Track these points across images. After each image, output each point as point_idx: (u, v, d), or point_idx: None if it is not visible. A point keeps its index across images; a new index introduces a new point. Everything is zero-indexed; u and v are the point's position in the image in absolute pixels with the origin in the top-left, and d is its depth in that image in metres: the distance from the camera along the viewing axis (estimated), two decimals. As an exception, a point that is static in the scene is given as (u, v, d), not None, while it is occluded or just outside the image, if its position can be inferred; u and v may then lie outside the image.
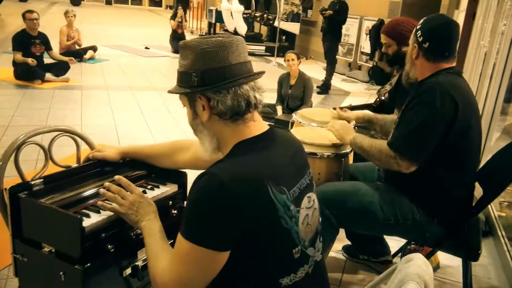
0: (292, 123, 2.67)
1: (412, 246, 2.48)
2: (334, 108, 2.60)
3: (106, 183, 1.32)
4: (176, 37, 9.89)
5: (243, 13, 11.11)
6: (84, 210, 1.32)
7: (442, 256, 2.38)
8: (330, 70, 7.10)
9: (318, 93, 6.74)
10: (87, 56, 7.82)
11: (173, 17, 9.88)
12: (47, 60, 6.32)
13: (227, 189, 0.98)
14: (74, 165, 1.62)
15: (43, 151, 1.53)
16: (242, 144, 1.10)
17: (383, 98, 3.03)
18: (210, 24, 13.82)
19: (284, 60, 4.76)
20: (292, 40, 10.81)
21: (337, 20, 6.95)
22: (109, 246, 1.28)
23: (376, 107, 3.12)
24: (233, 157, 1.07)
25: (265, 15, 10.78)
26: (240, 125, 1.11)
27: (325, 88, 6.86)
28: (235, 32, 11.50)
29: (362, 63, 8.73)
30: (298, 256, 1.10)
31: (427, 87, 1.72)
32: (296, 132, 2.26)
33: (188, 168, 1.54)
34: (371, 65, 8.32)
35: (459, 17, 5.73)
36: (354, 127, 2.61)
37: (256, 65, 9.43)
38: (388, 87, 2.98)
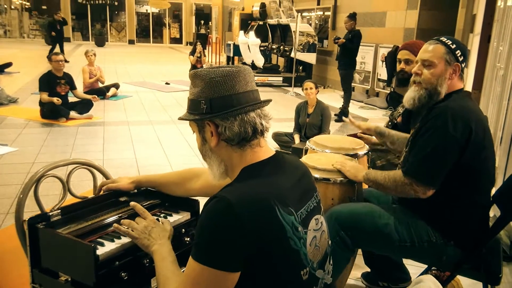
0: (306, 150, 2.69)
1: (434, 271, 2.42)
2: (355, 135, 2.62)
3: (115, 225, 1.36)
4: (195, 71, 10.14)
5: (260, 46, 11.36)
6: (99, 239, 1.36)
7: (466, 282, 2.31)
8: (347, 97, 7.15)
9: (336, 120, 6.76)
10: (109, 93, 8.09)
11: (192, 52, 10.18)
12: (71, 99, 6.57)
13: (235, 211, 1.01)
14: (90, 195, 1.68)
15: (61, 183, 1.59)
16: (249, 168, 1.13)
17: (395, 121, 3.03)
18: (228, 58, 14.17)
19: (302, 89, 4.87)
20: (309, 70, 10.94)
21: (351, 48, 7.04)
22: (122, 274, 1.31)
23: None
24: (241, 180, 1.10)
25: (281, 47, 10.99)
26: (247, 151, 1.15)
27: (342, 115, 6.87)
28: (253, 65, 11.74)
29: (380, 90, 8.75)
30: (306, 277, 1.10)
31: (439, 112, 1.72)
32: (309, 158, 2.28)
33: (200, 195, 1.58)
34: (388, 92, 8.32)
35: (474, 41, 5.73)
36: (368, 152, 2.62)
37: (274, 95, 9.60)
38: (401, 109, 2.98)
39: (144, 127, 6.11)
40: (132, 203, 1.44)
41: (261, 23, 13.77)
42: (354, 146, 2.58)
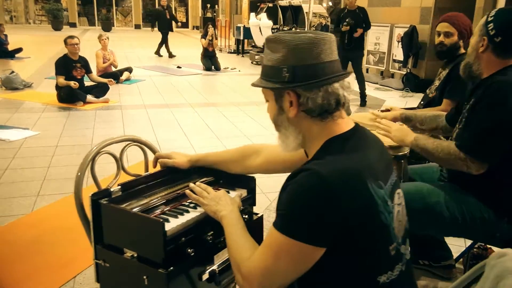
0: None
1: (475, 250, 2.40)
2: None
3: (191, 184, 1.40)
4: (207, 55, 10.07)
5: (272, 28, 11.22)
6: (162, 215, 1.34)
7: None
8: (361, 81, 6.91)
9: (360, 105, 6.53)
10: (123, 77, 8.05)
11: (204, 35, 10.07)
12: (87, 83, 6.54)
13: (328, 184, 0.97)
14: (142, 173, 1.66)
15: (115, 160, 1.57)
16: (333, 141, 1.09)
17: (430, 96, 2.99)
18: (238, 41, 14.04)
19: None
20: (321, 52, 10.81)
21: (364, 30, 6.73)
22: (189, 250, 1.30)
23: (423, 107, 3.06)
24: (329, 153, 1.06)
25: (293, 29, 10.85)
26: (328, 123, 1.10)
27: (362, 99, 6.67)
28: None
29: (395, 71, 8.64)
30: (394, 253, 1.08)
31: (498, 87, 1.67)
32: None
33: (259, 172, 1.55)
34: (404, 72, 8.23)
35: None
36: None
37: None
38: (437, 82, 2.93)
39: (161, 109, 6.08)
40: (191, 184, 1.42)
41: (270, 5, 13.62)
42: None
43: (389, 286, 1.08)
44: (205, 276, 1.37)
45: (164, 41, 12.48)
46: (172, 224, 1.29)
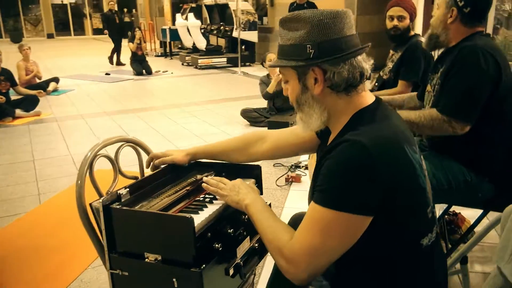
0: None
1: (446, 216, 2.55)
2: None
3: (205, 178, 1.36)
4: (137, 59, 9.74)
5: (200, 28, 11.12)
6: (180, 214, 1.27)
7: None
8: None
9: None
10: (50, 88, 7.53)
11: (131, 39, 9.71)
12: (13, 96, 6.04)
13: (371, 153, 0.98)
14: (137, 174, 1.56)
15: (111, 163, 1.46)
16: (361, 113, 1.10)
17: (384, 77, 3.13)
18: (163, 43, 13.74)
19: (264, 62, 5.06)
20: (252, 48, 10.91)
21: None
22: (216, 245, 1.24)
23: (378, 89, 3.21)
24: (362, 124, 1.06)
25: (221, 28, 10.83)
26: (353, 96, 1.11)
27: None
28: (194, 47, 11.48)
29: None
30: (430, 216, 1.11)
31: (469, 51, 1.78)
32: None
33: (265, 158, 1.53)
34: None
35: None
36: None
37: (222, 76, 9.51)
38: (390, 64, 3.08)
39: (100, 118, 5.78)
40: (204, 178, 1.37)
41: (194, 5, 13.48)
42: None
43: (431, 248, 1.11)
44: (231, 270, 1.32)
45: (117, 49, 11.53)
46: (197, 220, 1.22)
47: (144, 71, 9.70)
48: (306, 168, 3.64)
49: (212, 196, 1.38)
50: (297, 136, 1.44)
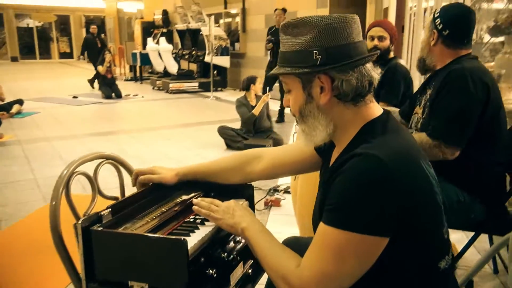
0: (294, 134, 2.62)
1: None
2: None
3: (195, 200, 1.22)
4: (106, 82, 9.52)
5: (172, 52, 11.05)
6: (170, 236, 1.15)
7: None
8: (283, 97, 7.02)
9: (276, 121, 6.53)
10: (13, 110, 7.22)
11: (101, 62, 9.51)
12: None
13: (388, 166, 0.90)
14: (117, 195, 1.43)
15: (89, 182, 1.32)
16: (371, 125, 1.02)
17: None
18: (133, 68, 13.56)
19: (253, 85, 5.01)
20: (224, 74, 10.90)
21: None
22: (210, 271, 1.12)
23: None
24: (373, 136, 0.98)
25: (193, 52, 10.79)
26: (361, 107, 1.04)
27: (281, 116, 6.75)
28: (166, 72, 11.37)
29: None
30: (446, 236, 1.03)
31: (457, 74, 1.77)
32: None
33: (262, 178, 1.42)
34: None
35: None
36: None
37: (194, 101, 9.42)
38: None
39: (68, 141, 5.52)
40: (194, 200, 1.24)
41: (165, 30, 13.45)
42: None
43: (448, 272, 1.03)
44: (225, 299, 1.19)
45: (97, 74, 11.02)
46: (189, 244, 1.09)
47: (113, 94, 9.47)
48: (285, 192, 3.54)
49: (203, 217, 1.26)
50: (295, 153, 1.35)
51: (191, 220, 1.26)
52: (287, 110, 7.05)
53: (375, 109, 1.06)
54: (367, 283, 0.97)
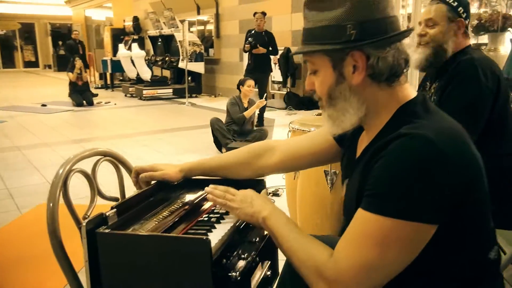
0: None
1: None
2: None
3: (207, 188, 1.12)
4: (77, 89, 9.20)
5: (145, 59, 10.83)
6: (190, 236, 1.02)
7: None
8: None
9: (256, 126, 6.48)
10: (-22, 120, 6.86)
11: (71, 69, 9.19)
12: None
13: (439, 148, 0.81)
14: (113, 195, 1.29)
15: (88, 181, 1.18)
16: (410, 106, 0.93)
17: None
18: (103, 75, 13.22)
19: (241, 87, 5.06)
20: (198, 80, 10.75)
21: (270, 53, 6.84)
22: (233, 274, 1.00)
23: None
24: (415, 117, 0.89)
25: (167, 58, 10.61)
26: (396, 88, 0.95)
27: (260, 120, 6.67)
28: (138, 78, 11.13)
29: (275, 91, 8.96)
30: (492, 225, 0.95)
31: (467, 64, 1.72)
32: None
33: (275, 172, 1.32)
34: (284, 92, 8.58)
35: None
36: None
37: (170, 107, 9.24)
38: None
39: (40, 149, 5.26)
40: (207, 188, 1.12)
41: (136, 37, 13.22)
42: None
43: (497, 263, 0.95)
44: (247, 305, 1.08)
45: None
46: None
47: (84, 102, 9.16)
48: (274, 194, 3.44)
49: (218, 215, 1.14)
50: (312, 144, 1.25)
51: (205, 219, 1.13)
52: (266, 114, 7.00)
53: (410, 90, 0.98)
54: (410, 279, 0.88)
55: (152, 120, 7.74)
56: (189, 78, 10.17)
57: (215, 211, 1.19)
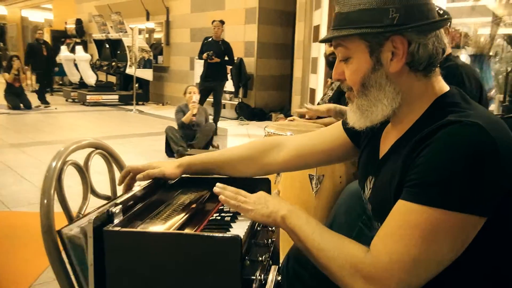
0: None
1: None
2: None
3: (216, 189, 1.01)
4: (13, 92, 8.58)
5: (90, 63, 10.36)
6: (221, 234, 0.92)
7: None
8: (217, 111, 6.86)
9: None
10: None
11: (8, 69, 8.57)
12: None
13: (491, 135, 0.77)
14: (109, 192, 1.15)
15: (81, 176, 1.04)
16: (449, 97, 0.90)
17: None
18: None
19: (185, 94, 5.09)
20: (146, 87, 10.44)
21: (226, 62, 6.76)
22: (258, 277, 0.91)
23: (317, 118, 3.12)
24: (459, 106, 0.86)
25: (113, 64, 10.21)
26: (432, 78, 0.91)
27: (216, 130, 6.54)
28: (82, 83, 10.62)
29: (226, 101, 8.88)
30: None
31: (453, 70, 1.75)
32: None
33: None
34: (235, 103, 8.54)
35: (321, 49, 6.28)
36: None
37: (116, 114, 8.88)
38: (330, 92, 3.02)
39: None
40: (216, 190, 1.01)
41: (78, 40, 12.67)
42: (314, 127, 2.46)
43: None
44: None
45: (44, 85, 9.74)
46: (232, 243, 0.88)
47: (22, 105, 8.56)
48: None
49: (231, 214, 1.04)
50: (324, 140, 1.18)
51: (218, 217, 1.03)
52: (219, 124, 6.90)
53: (444, 82, 0.95)
54: (451, 278, 0.83)
55: (98, 126, 7.38)
56: (137, 85, 9.84)
57: (224, 209, 1.09)
